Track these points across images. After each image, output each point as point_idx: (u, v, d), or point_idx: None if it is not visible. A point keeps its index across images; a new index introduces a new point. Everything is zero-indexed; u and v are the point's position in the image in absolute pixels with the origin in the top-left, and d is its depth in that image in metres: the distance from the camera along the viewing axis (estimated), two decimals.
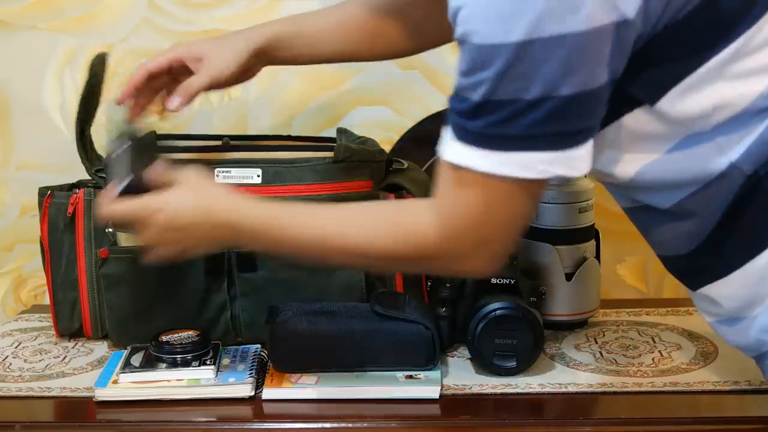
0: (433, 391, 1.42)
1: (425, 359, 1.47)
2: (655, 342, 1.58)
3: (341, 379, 1.45)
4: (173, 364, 1.46)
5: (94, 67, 1.56)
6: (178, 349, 1.47)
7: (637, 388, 1.43)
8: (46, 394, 1.47)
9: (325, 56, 1.54)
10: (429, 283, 1.60)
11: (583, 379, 1.47)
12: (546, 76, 1.11)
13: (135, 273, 1.55)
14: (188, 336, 1.49)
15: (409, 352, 1.47)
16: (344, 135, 1.63)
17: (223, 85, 1.49)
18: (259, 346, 1.54)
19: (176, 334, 1.49)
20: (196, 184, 1.33)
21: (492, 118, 1.14)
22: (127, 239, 1.51)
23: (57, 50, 1.82)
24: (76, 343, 1.63)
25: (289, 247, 1.29)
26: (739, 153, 1.18)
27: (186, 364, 1.46)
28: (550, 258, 1.61)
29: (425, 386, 1.43)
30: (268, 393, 1.43)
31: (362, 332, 1.47)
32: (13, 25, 1.82)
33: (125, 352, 1.51)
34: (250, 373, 1.46)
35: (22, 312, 1.81)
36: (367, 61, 1.60)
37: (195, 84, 1.47)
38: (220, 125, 1.83)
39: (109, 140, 1.40)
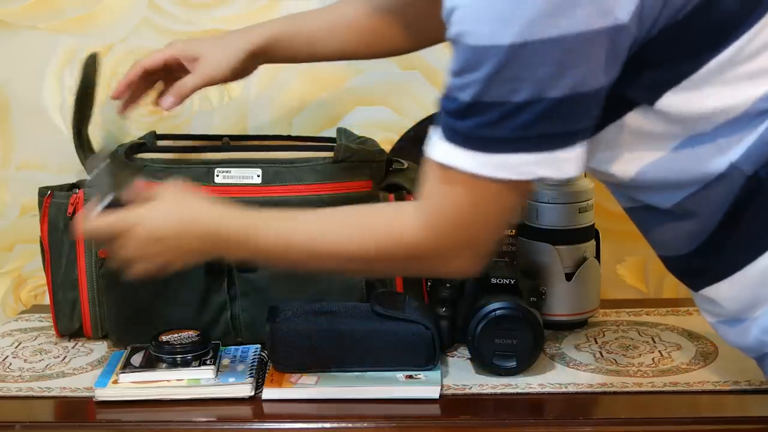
0: (433, 391, 1.42)
1: (425, 359, 1.47)
2: (655, 342, 1.58)
3: (341, 379, 1.45)
4: (173, 364, 1.46)
5: (87, 68, 1.57)
6: (178, 349, 1.47)
7: (637, 388, 1.43)
8: (46, 394, 1.47)
9: (323, 55, 1.55)
10: (429, 283, 1.60)
11: (583, 379, 1.47)
12: (536, 80, 1.11)
13: None
14: (188, 336, 1.49)
15: (409, 352, 1.47)
16: (344, 135, 1.64)
17: (218, 84, 1.51)
18: (259, 346, 1.54)
19: (176, 334, 1.49)
20: (175, 197, 1.32)
21: (480, 119, 1.14)
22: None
23: (57, 50, 1.82)
24: (76, 343, 1.63)
25: (274, 254, 1.29)
26: (739, 154, 1.18)
27: (186, 364, 1.46)
28: (550, 258, 1.60)
29: (425, 386, 1.43)
30: (268, 393, 1.43)
31: (362, 332, 1.47)
32: (13, 25, 1.82)
33: (125, 352, 1.51)
34: (250, 373, 1.46)
35: (22, 312, 1.81)
36: (366, 59, 1.60)
37: (189, 84, 1.48)
38: (220, 125, 1.83)
39: (87, 162, 1.40)
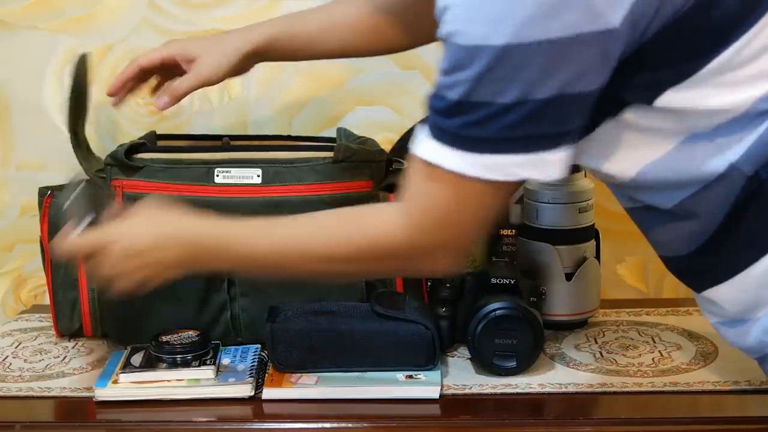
0: (433, 391, 1.42)
1: (425, 359, 1.47)
2: (655, 342, 1.58)
3: (341, 379, 1.45)
4: (173, 364, 1.46)
5: (78, 69, 1.57)
6: (178, 349, 1.47)
7: (637, 388, 1.43)
8: (46, 394, 1.47)
9: (322, 54, 1.56)
10: (429, 283, 1.60)
11: (583, 379, 1.47)
12: (523, 81, 1.12)
13: None
14: (188, 336, 1.49)
15: (409, 352, 1.47)
16: (344, 135, 1.64)
17: (213, 85, 1.52)
18: (259, 346, 1.54)
19: (176, 334, 1.49)
20: (151, 213, 1.32)
21: (467, 118, 1.14)
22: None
23: (57, 50, 1.82)
24: (76, 343, 1.63)
25: (253, 261, 1.29)
26: (738, 154, 1.18)
27: (186, 364, 1.46)
28: (550, 258, 1.60)
29: (425, 386, 1.43)
30: (268, 393, 1.43)
31: (362, 332, 1.47)
32: (13, 25, 1.82)
33: (125, 352, 1.51)
34: (250, 373, 1.46)
35: (22, 312, 1.81)
36: (365, 56, 1.60)
37: (184, 86, 1.50)
38: (220, 125, 1.83)
39: (63, 193, 1.41)
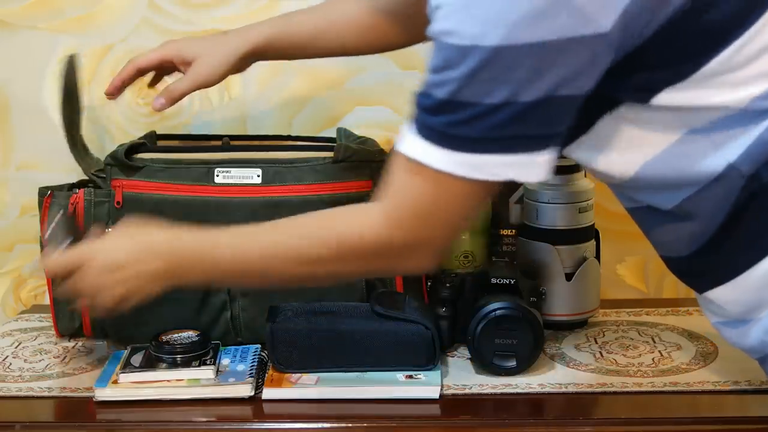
0: (433, 391, 1.42)
1: (425, 359, 1.47)
2: (655, 342, 1.58)
3: (341, 379, 1.45)
4: (173, 364, 1.46)
5: (67, 70, 1.58)
6: (178, 349, 1.47)
7: (637, 388, 1.43)
8: (46, 394, 1.47)
9: (318, 53, 1.57)
10: (429, 283, 1.60)
11: (583, 379, 1.47)
12: (512, 83, 1.12)
13: None
14: (188, 336, 1.49)
15: (409, 352, 1.47)
16: (344, 135, 1.64)
17: (211, 86, 1.54)
18: (259, 346, 1.54)
19: (176, 334, 1.49)
20: (128, 229, 1.34)
21: (453, 117, 1.14)
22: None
23: (57, 50, 1.82)
24: (76, 343, 1.63)
25: (235, 267, 1.29)
26: (737, 154, 1.18)
27: (186, 364, 1.46)
28: (550, 258, 1.60)
29: (425, 386, 1.43)
30: (268, 393, 1.43)
31: (362, 332, 1.47)
32: (13, 25, 1.82)
33: (125, 352, 1.51)
34: (250, 373, 1.46)
35: (22, 312, 1.81)
36: (361, 54, 1.60)
37: (180, 88, 1.52)
38: (220, 125, 1.83)
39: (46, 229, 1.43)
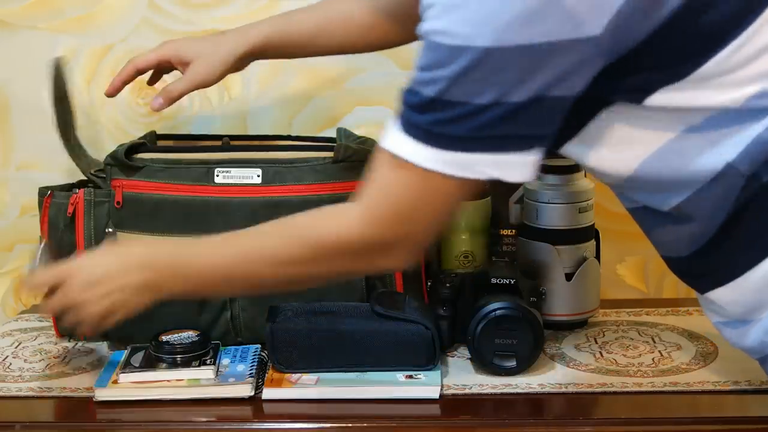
0: (433, 391, 1.42)
1: (425, 359, 1.47)
2: (655, 342, 1.58)
3: (341, 379, 1.45)
4: (173, 364, 1.46)
5: (55, 74, 1.59)
6: (178, 349, 1.47)
7: (637, 388, 1.43)
8: (46, 394, 1.47)
9: (317, 51, 1.57)
10: (429, 283, 1.60)
11: (583, 379, 1.47)
12: (501, 84, 1.12)
13: None
14: (188, 336, 1.49)
15: (409, 352, 1.47)
16: (344, 135, 1.64)
17: (209, 86, 1.55)
18: (259, 346, 1.54)
19: (176, 334, 1.49)
20: (109, 247, 1.39)
21: (439, 116, 1.14)
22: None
23: (57, 50, 1.82)
24: (76, 343, 1.63)
25: (213, 273, 1.29)
26: (735, 153, 1.18)
27: (186, 364, 1.46)
28: (550, 258, 1.60)
29: (425, 386, 1.43)
30: (268, 393, 1.43)
31: (362, 332, 1.47)
32: (13, 25, 1.82)
33: (125, 352, 1.51)
34: (250, 373, 1.46)
35: (22, 312, 1.81)
36: (360, 52, 1.61)
37: (179, 88, 1.53)
38: (220, 125, 1.83)
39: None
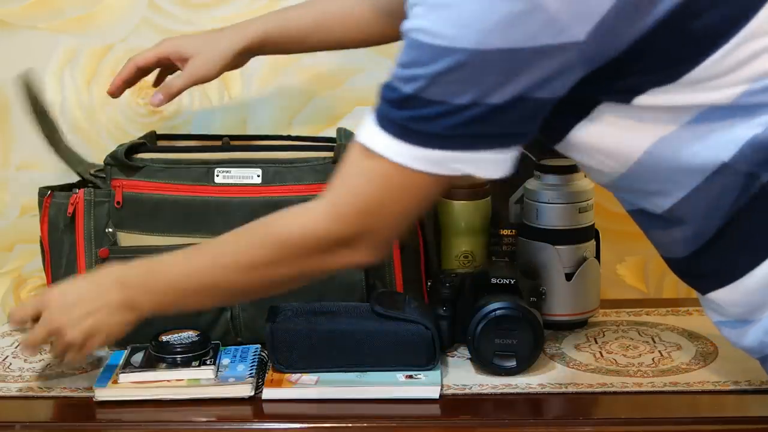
0: (433, 391, 1.42)
1: (425, 359, 1.47)
2: (655, 342, 1.58)
3: (341, 379, 1.45)
4: (173, 364, 1.46)
5: (26, 90, 1.60)
6: (178, 349, 1.47)
7: (637, 388, 1.43)
8: (46, 394, 1.47)
9: (315, 47, 1.59)
10: (429, 283, 1.60)
11: (583, 379, 1.47)
12: (481, 85, 1.12)
13: None
14: (188, 336, 1.49)
15: (409, 352, 1.47)
16: (344, 135, 1.64)
17: (208, 81, 1.57)
18: (259, 346, 1.54)
19: (176, 334, 1.49)
20: (87, 273, 1.42)
21: (417, 112, 1.15)
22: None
23: (57, 50, 1.82)
24: None
25: (185, 283, 1.31)
26: (731, 153, 1.17)
27: (186, 364, 1.46)
28: (550, 258, 1.60)
29: (425, 386, 1.43)
30: (268, 393, 1.43)
31: (362, 332, 1.47)
32: (13, 25, 1.82)
33: (125, 352, 1.51)
34: (250, 373, 1.46)
35: None
36: (357, 47, 1.61)
37: (178, 84, 1.55)
38: (220, 125, 1.83)
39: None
